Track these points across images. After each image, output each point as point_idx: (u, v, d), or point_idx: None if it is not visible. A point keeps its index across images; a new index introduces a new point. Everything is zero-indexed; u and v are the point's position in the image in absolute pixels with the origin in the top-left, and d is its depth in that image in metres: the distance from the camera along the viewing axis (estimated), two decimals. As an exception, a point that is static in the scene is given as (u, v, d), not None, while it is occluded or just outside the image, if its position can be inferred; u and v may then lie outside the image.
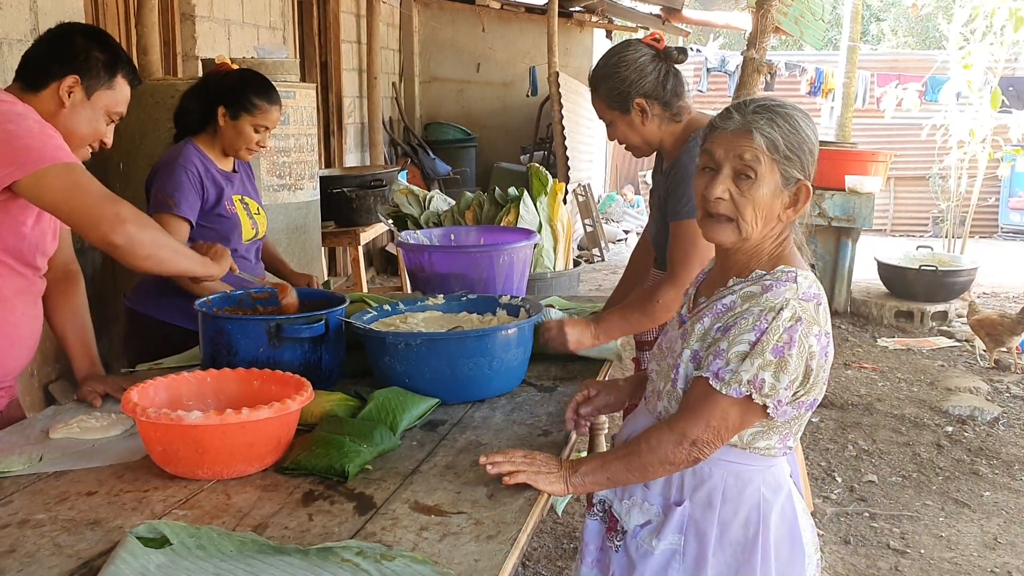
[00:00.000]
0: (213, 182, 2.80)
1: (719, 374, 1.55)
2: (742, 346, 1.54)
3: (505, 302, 2.46)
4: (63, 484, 1.71)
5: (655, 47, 2.39)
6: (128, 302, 2.89)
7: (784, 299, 1.55)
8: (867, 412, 5.00)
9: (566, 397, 2.22)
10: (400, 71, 9.82)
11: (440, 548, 1.44)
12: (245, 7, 6.03)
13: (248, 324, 2.19)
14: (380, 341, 2.17)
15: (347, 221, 5.82)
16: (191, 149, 2.81)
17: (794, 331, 1.52)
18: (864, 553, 3.47)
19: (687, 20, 10.93)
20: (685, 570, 1.67)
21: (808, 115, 1.65)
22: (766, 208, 1.59)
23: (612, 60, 2.40)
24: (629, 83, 2.35)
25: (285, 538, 1.47)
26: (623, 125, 2.41)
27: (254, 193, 3.04)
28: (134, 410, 1.68)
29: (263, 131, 2.83)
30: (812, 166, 1.62)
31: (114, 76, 2.05)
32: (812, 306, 1.56)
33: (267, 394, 1.84)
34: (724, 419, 1.56)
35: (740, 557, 1.64)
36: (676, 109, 2.40)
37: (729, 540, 1.65)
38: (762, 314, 1.54)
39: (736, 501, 1.64)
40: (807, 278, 1.60)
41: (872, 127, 10.80)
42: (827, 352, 1.59)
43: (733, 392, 1.54)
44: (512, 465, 1.65)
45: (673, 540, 1.68)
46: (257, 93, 2.80)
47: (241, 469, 1.71)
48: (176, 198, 2.71)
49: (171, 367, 2.41)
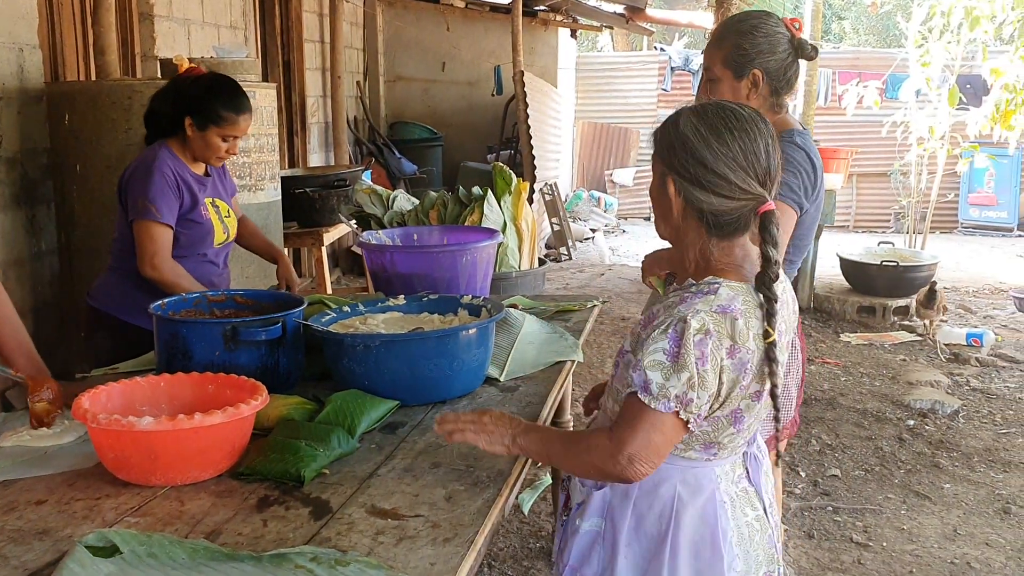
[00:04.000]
0: (187, 187, 2.77)
1: (647, 388, 1.51)
2: (657, 355, 1.51)
3: (467, 302, 2.45)
4: (11, 493, 1.67)
5: (793, 32, 2.34)
6: (90, 300, 2.85)
7: (694, 310, 1.51)
8: (830, 407, 5.05)
9: (528, 397, 2.21)
10: (364, 70, 9.76)
11: (396, 552, 1.43)
12: (205, 6, 5.96)
13: (204, 327, 2.16)
14: (338, 343, 2.15)
15: (310, 222, 5.76)
16: (165, 152, 2.77)
17: (704, 345, 1.49)
18: (828, 547, 3.50)
19: (651, 19, 10.98)
20: (603, 554, 1.69)
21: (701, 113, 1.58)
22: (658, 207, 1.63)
23: (752, 21, 2.33)
24: (758, 50, 2.30)
25: (239, 544, 1.46)
26: (727, 88, 2.34)
27: (225, 195, 3.01)
28: (85, 416, 1.65)
29: (232, 140, 2.79)
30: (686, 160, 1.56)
31: None
32: (727, 320, 1.51)
33: (222, 398, 1.81)
34: (656, 433, 1.53)
35: (651, 550, 1.65)
36: (780, 100, 2.36)
37: (644, 532, 1.66)
38: (671, 324, 1.51)
39: (651, 495, 1.65)
40: (732, 291, 1.55)
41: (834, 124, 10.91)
42: (745, 367, 1.54)
43: (662, 407, 1.51)
44: (459, 424, 1.67)
45: (595, 523, 1.70)
46: (224, 105, 2.75)
47: (195, 475, 1.69)
48: (158, 204, 2.68)
49: (126, 372, 2.37)
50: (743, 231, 1.59)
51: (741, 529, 1.67)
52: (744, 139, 1.54)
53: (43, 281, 4.23)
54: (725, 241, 1.58)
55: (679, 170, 1.56)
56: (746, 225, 1.58)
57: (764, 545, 1.71)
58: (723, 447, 1.65)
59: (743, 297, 1.55)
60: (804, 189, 2.31)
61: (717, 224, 1.56)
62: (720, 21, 6.24)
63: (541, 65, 9.99)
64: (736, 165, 1.53)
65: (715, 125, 1.55)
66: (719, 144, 1.54)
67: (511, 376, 2.38)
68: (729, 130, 1.55)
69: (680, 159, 1.56)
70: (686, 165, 1.55)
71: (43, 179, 4.23)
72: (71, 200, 4.12)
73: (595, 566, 1.70)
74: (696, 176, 1.55)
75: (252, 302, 2.44)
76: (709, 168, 1.53)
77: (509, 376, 2.38)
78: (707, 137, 1.54)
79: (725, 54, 2.35)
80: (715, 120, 1.56)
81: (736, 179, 1.53)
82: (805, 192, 2.31)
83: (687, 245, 1.61)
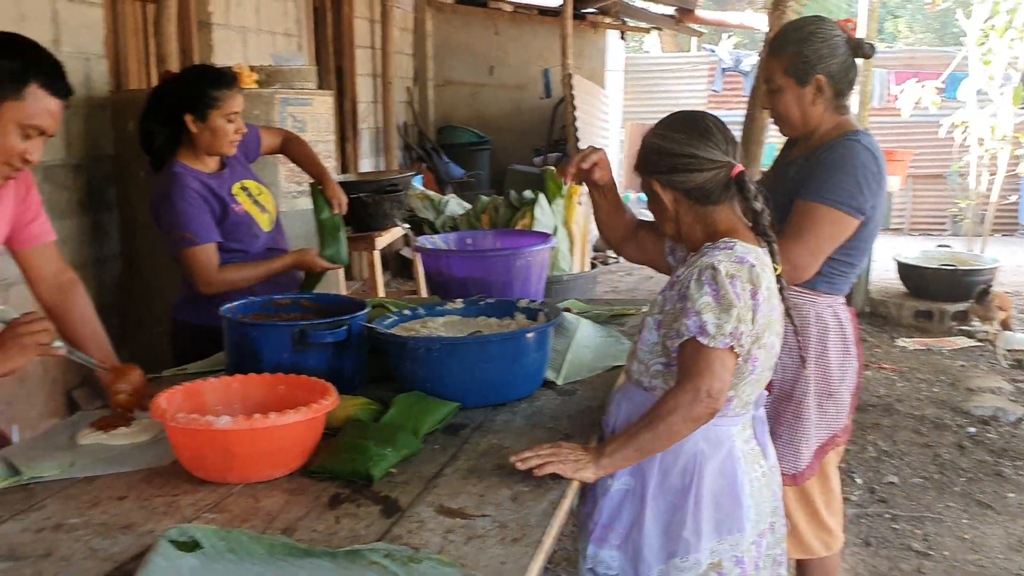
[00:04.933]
0: (213, 194, 2.77)
1: (704, 330, 1.73)
2: (704, 298, 1.74)
3: (523, 306, 2.47)
4: (94, 489, 1.73)
5: (849, 33, 2.35)
6: (175, 313, 2.90)
7: (717, 260, 1.77)
8: (887, 413, 4.98)
9: (586, 400, 2.23)
10: (414, 75, 9.85)
11: (466, 551, 1.46)
12: (261, 14, 6.08)
13: (273, 330, 2.22)
14: (401, 346, 2.19)
15: (363, 226, 5.83)
16: (179, 169, 2.74)
17: (735, 286, 1.75)
18: (886, 555, 3.46)
19: (701, 20, 10.93)
20: (633, 508, 1.88)
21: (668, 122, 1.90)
22: (655, 210, 1.93)
23: (809, 28, 2.34)
24: (819, 56, 2.30)
25: (313, 541, 1.50)
26: (791, 96, 2.35)
27: (249, 173, 2.98)
28: (163, 415, 1.71)
29: (235, 118, 2.76)
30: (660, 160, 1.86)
31: (23, 86, 1.85)
32: (745, 267, 1.77)
33: (293, 399, 1.86)
34: (723, 368, 1.74)
35: (676, 502, 1.84)
36: (843, 101, 2.37)
37: (669, 486, 1.85)
38: (702, 272, 1.76)
39: (676, 452, 1.83)
40: (745, 247, 1.82)
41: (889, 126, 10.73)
42: (763, 310, 1.78)
43: (720, 344, 1.73)
44: (540, 459, 1.71)
45: (625, 481, 1.88)
46: (212, 85, 2.73)
47: (268, 473, 1.73)
48: (192, 229, 2.69)
49: (195, 372, 2.44)
50: (729, 197, 1.87)
51: (753, 482, 1.88)
52: (692, 125, 1.87)
53: (106, 285, 4.35)
54: (718, 206, 1.86)
55: (657, 169, 1.87)
56: (728, 190, 1.85)
57: (769, 498, 1.93)
58: (739, 399, 1.86)
59: (755, 253, 1.82)
60: (864, 193, 2.28)
61: (703, 194, 1.85)
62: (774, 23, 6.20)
63: (589, 67, 9.99)
64: (696, 144, 1.83)
65: (668, 125, 1.90)
66: (676, 134, 1.86)
67: (568, 380, 2.40)
68: (679, 124, 1.88)
69: (653, 161, 1.88)
70: (659, 163, 1.87)
71: (107, 185, 4.36)
72: (133, 206, 4.23)
73: (625, 520, 1.89)
74: (670, 165, 1.85)
75: (316, 305, 2.49)
76: (676, 154, 1.84)
77: (567, 380, 2.39)
78: (665, 135, 1.88)
79: (786, 63, 2.35)
80: (667, 123, 1.91)
81: (701, 153, 1.83)
82: (866, 196, 2.29)
83: (689, 225, 1.89)
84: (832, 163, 2.29)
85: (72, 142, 4.07)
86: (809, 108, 2.36)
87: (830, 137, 2.35)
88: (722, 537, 1.83)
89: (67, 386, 4.12)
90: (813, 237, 2.27)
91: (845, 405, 2.44)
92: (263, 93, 4.24)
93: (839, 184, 2.27)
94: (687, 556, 1.83)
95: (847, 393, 2.43)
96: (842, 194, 2.27)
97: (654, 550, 1.85)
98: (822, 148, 2.34)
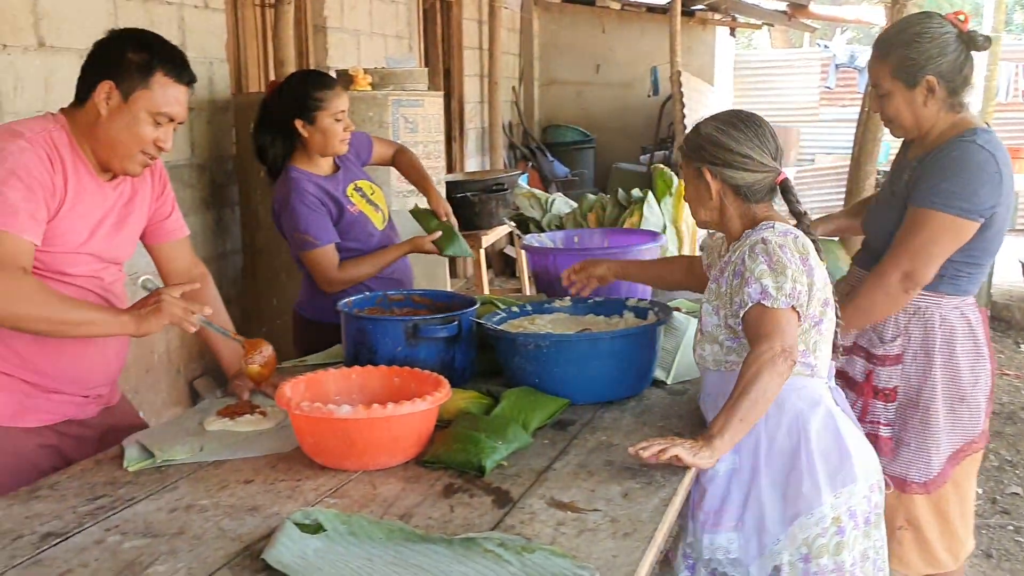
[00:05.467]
0: (328, 196, 2.84)
1: (766, 294, 1.83)
2: (760, 267, 1.85)
3: (633, 304, 2.47)
4: (222, 472, 1.83)
5: (959, 27, 2.27)
6: (298, 310, 3.01)
7: (762, 236, 1.90)
8: (1010, 421, 4.76)
9: (695, 400, 2.21)
10: (520, 75, 9.92)
11: (578, 543, 1.48)
12: (373, 17, 6.23)
13: (388, 324, 2.29)
14: (511, 342, 2.23)
15: (469, 224, 5.93)
16: (295, 175, 2.82)
17: (785, 252, 1.87)
18: (1008, 568, 3.32)
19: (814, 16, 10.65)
20: (743, 485, 1.92)
21: (722, 118, 2.00)
22: (696, 199, 2.04)
23: (914, 28, 2.27)
24: (927, 57, 2.24)
25: (429, 527, 1.54)
26: (901, 99, 2.28)
27: (362, 173, 3.05)
28: (288, 403, 1.79)
29: (342, 116, 2.83)
30: (716, 152, 1.96)
31: (150, 76, 1.94)
32: (789, 238, 1.91)
33: (408, 390, 1.92)
34: (790, 325, 1.84)
35: (788, 463, 1.89)
36: (959, 99, 2.28)
37: (777, 450, 1.90)
38: (753, 247, 1.88)
39: (777, 416, 1.90)
40: (784, 226, 1.95)
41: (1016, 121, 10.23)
42: (813, 272, 1.90)
43: (783, 304, 1.83)
44: (659, 446, 1.72)
45: (730, 460, 1.91)
46: (316, 87, 2.81)
47: (385, 461, 1.79)
48: (312, 232, 2.78)
49: (314, 364, 2.53)
50: (771, 197, 2.01)
51: (852, 437, 1.93)
52: (752, 127, 1.97)
53: (227, 279, 4.54)
54: (761, 203, 1.99)
55: (712, 160, 1.97)
56: (772, 192, 2.00)
57: (873, 455, 1.98)
58: (820, 362, 1.96)
59: (795, 232, 1.94)
60: (980, 194, 2.18)
61: (751, 192, 1.97)
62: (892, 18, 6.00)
63: (698, 64, 9.86)
64: (752, 146, 1.95)
65: (729, 121, 1.98)
66: (736, 132, 1.96)
67: (678, 379, 2.39)
68: (739, 123, 1.97)
69: (709, 151, 1.97)
70: (715, 154, 1.96)
71: (229, 184, 4.55)
72: (254, 203, 4.41)
73: (735, 499, 1.92)
74: (726, 160, 1.96)
75: (428, 301, 2.55)
76: (733, 151, 1.95)
77: (676, 379, 2.38)
78: (727, 131, 1.97)
79: (892, 67, 2.27)
80: (727, 118, 2.00)
81: (756, 156, 1.95)
82: (983, 197, 2.18)
83: (731, 217, 2.00)
84: (945, 166, 2.21)
85: (196, 142, 4.27)
86: (921, 110, 2.27)
87: (945, 138, 2.26)
88: (836, 490, 1.87)
89: (189, 376, 4.33)
90: (923, 244, 2.20)
91: (980, 410, 2.34)
92: (376, 95, 4.35)
93: (951, 187, 2.19)
94: (811, 511, 1.86)
95: (981, 397, 2.33)
96: (954, 198, 2.18)
97: (776, 517, 1.88)
98: (936, 150, 2.25)
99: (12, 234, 1.81)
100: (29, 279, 1.83)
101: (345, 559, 1.41)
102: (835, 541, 1.87)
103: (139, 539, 1.53)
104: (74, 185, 1.95)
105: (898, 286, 2.25)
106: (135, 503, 1.68)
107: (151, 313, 1.90)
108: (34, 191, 1.86)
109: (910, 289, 2.24)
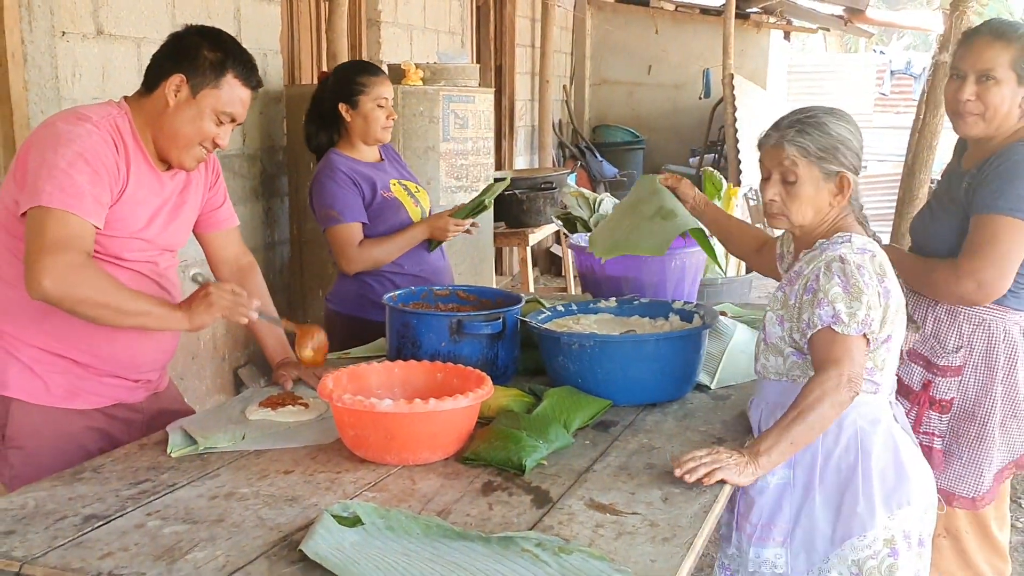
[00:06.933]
0: (363, 177, 2.90)
1: (838, 319, 1.78)
2: (835, 289, 1.78)
3: (679, 307, 2.45)
4: (263, 462, 1.84)
5: None
6: (329, 303, 3.05)
7: (839, 253, 1.83)
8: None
9: (740, 406, 2.19)
10: (571, 74, 9.89)
11: (616, 546, 1.46)
12: (427, 12, 6.25)
13: (433, 319, 2.29)
14: (555, 341, 2.21)
15: (517, 222, 5.93)
16: (332, 157, 2.91)
17: (863, 274, 1.80)
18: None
19: (871, 21, 10.48)
20: (795, 500, 1.87)
21: (839, 114, 1.90)
22: (811, 200, 1.89)
23: None
24: None
25: (467, 524, 1.54)
26: (1008, 91, 2.20)
27: (409, 175, 3.12)
28: (330, 396, 1.79)
29: (385, 103, 2.90)
30: (851, 156, 1.88)
31: (222, 75, 2.00)
32: (867, 258, 1.84)
33: (450, 386, 1.91)
34: (859, 353, 1.78)
35: (844, 482, 1.84)
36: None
37: (833, 467, 1.85)
38: (830, 264, 1.82)
39: (836, 433, 1.85)
40: (861, 239, 1.88)
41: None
42: (890, 294, 1.84)
43: (854, 331, 1.77)
44: (705, 467, 1.70)
45: (783, 475, 1.87)
46: (359, 73, 2.90)
47: (425, 456, 1.79)
48: (338, 207, 2.83)
49: (357, 357, 2.54)
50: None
51: (911, 458, 1.89)
52: (857, 128, 1.92)
53: (275, 268, 4.59)
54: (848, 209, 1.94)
55: (850, 166, 1.88)
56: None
57: (930, 476, 1.93)
58: (886, 380, 1.90)
59: (872, 245, 1.89)
60: None
61: (855, 199, 1.93)
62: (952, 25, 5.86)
63: (751, 67, 9.74)
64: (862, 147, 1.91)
65: (850, 123, 1.91)
66: (858, 134, 1.91)
67: (722, 384, 2.36)
68: (853, 124, 1.91)
69: (847, 157, 1.88)
70: (852, 160, 1.89)
71: (279, 174, 4.59)
72: (303, 194, 4.43)
73: (786, 514, 1.87)
74: (854, 165, 1.90)
75: (473, 297, 2.55)
76: (858, 154, 1.90)
77: (720, 384, 2.36)
78: (851, 131, 1.89)
79: (1014, 56, 2.18)
80: (847, 119, 1.91)
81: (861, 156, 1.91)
82: None
83: (821, 221, 1.92)
84: (1007, 170, 2.15)
85: (248, 133, 4.31)
86: (1015, 109, 2.21)
87: (1006, 143, 2.20)
88: (892, 512, 1.83)
89: (233, 364, 4.37)
90: (996, 251, 2.13)
91: None
92: (427, 90, 4.36)
93: (1017, 191, 2.13)
94: (864, 534, 1.82)
95: None
96: (1020, 201, 2.12)
97: (826, 536, 1.84)
98: (995, 156, 2.19)
99: (79, 216, 1.85)
100: (92, 265, 1.86)
101: (382, 553, 1.40)
102: (887, 563, 1.83)
103: (179, 524, 1.55)
104: (135, 172, 1.99)
105: (972, 296, 2.20)
106: (177, 489, 1.70)
107: (203, 307, 1.93)
108: (100, 175, 1.89)
109: (984, 300, 2.20)
